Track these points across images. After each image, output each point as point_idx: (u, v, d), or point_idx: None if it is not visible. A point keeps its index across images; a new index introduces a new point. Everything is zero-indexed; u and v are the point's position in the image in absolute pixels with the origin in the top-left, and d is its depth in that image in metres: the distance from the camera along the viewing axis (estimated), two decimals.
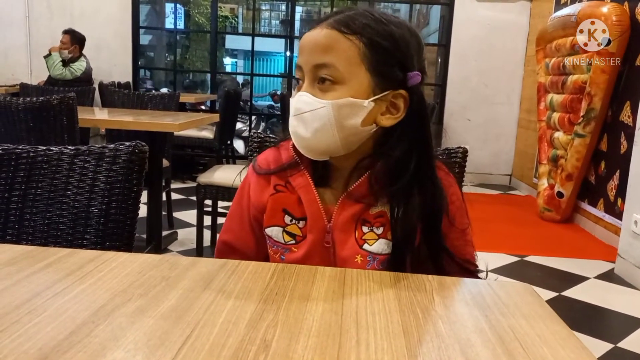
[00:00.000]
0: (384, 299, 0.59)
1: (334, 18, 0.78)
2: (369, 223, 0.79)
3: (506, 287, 0.65)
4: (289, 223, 0.81)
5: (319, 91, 0.76)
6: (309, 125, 0.75)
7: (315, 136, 0.75)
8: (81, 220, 0.84)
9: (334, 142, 0.76)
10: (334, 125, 0.75)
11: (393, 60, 0.77)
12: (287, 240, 0.81)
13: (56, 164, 0.87)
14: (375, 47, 0.76)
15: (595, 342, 2.10)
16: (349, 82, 0.75)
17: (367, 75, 0.76)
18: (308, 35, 0.78)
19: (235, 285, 0.60)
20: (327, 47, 0.75)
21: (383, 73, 0.76)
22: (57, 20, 5.18)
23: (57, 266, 0.63)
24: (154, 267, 0.64)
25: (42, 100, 2.22)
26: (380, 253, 0.78)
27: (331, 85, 0.75)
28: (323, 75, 0.75)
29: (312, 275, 0.65)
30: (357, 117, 0.76)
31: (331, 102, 0.75)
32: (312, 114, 0.75)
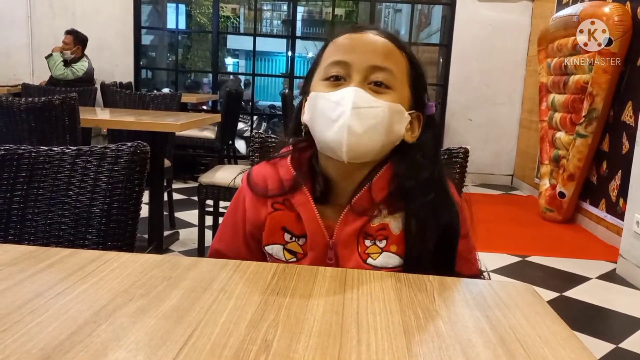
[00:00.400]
0: (384, 299, 0.59)
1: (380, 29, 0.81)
2: (371, 237, 0.79)
3: (507, 288, 0.65)
4: (289, 241, 0.81)
5: (372, 92, 0.77)
6: (363, 121, 0.75)
7: (367, 133, 0.75)
8: (83, 221, 0.84)
9: (378, 143, 0.77)
10: (385, 126, 0.76)
11: (423, 85, 0.83)
12: (288, 258, 0.81)
13: (58, 164, 0.87)
14: (415, 68, 0.82)
15: (596, 342, 2.10)
16: (398, 91, 0.78)
17: (408, 90, 0.80)
18: (362, 37, 0.80)
19: (237, 285, 0.60)
20: (388, 53, 0.78)
21: (416, 93, 0.82)
22: (59, 21, 5.19)
23: (59, 266, 0.64)
24: (155, 267, 0.64)
25: (44, 100, 2.23)
26: (384, 267, 0.78)
27: (385, 89, 0.77)
28: (379, 78, 0.77)
29: (313, 275, 0.65)
30: (401, 125, 0.79)
31: (388, 103, 0.76)
32: (368, 110, 0.75)
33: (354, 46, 0.78)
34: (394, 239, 0.78)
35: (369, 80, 0.77)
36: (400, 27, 10.47)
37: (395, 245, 0.78)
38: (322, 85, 0.79)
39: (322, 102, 0.77)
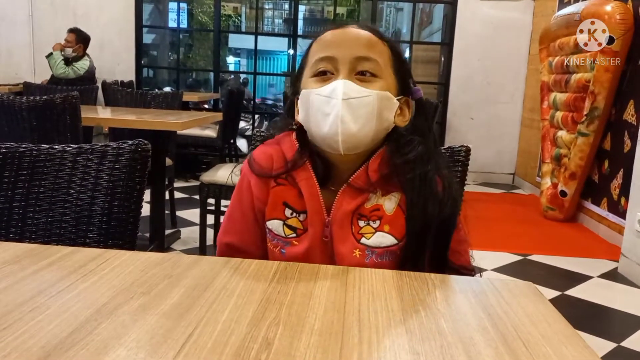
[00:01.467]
0: (386, 297, 0.59)
1: (363, 23, 0.86)
2: (365, 217, 0.80)
3: (509, 286, 0.65)
4: (289, 216, 0.82)
5: (358, 82, 0.79)
6: (354, 111, 0.78)
7: (358, 122, 0.78)
8: (84, 219, 0.84)
9: (370, 131, 0.79)
10: (376, 114, 0.79)
11: (407, 72, 0.87)
12: (288, 234, 0.82)
13: (59, 162, 0.87)
14: (397, 57, 0.85)
15: (598, 341, 2.10)
16: (384, 79, 0.82)
17: (393, 77, 0.84)
18: (346, 31, 0.83)
19: (238, 284, 0.60)
20: (370, 44, 0.82)
21: (402, 79, 0.85)
22: (61, 19, 5.19)
23: (59, 264, 0.64)
24: (156, 265, 0.64)
25: (46, 99, 2.23)
26: (378, 246, 0.79)
27: (371, 78, 0.80)
28: (365, 67, 0.80)
29: (315, 273, 0.65)
30: (391, 111, 0.82)
31: (376, 92, 0.79)
32: (359, 100, 0.78)
33: (338, 41, 0.82)
34: (387, 219, 0.80)
35: (356, 71, 0.80)
36: (402, 26, 10.45)
37: (389, 225, 0.80)
38: (312, 82, 0.81)
39: (313, 97, 0.79)
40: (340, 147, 0.77)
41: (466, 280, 0.67)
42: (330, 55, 0.80)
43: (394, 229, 0.80)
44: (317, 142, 0.82)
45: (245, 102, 6.53)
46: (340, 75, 0.79)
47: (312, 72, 0.82)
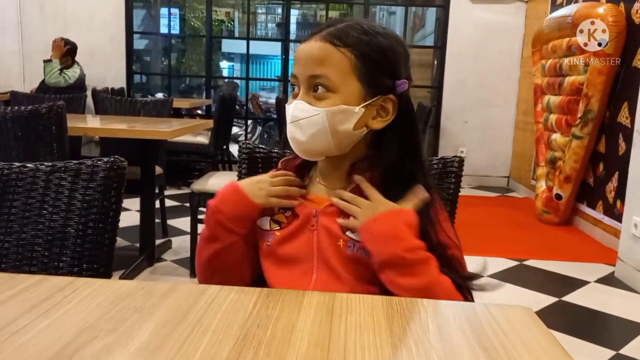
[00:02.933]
0: (374, 329, 0.54)
1: (326, 31, 0.83)
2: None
3: (506, 312, 0.61)
4: (276, 212, 0.88)
5: (314, 99, 0.82)
6: (305, 131, 0.82)
7: (311, 140, 0.82)
8: (57, 242, 0.80)
9: (328, 145, 0.83)
10: (328, 130, 0.81)
11: (382, 70, 0.83)
12: (273, 227, 0.87)
13: (31, 181, 0.82)
14: (365, 59, 0.82)
15: (596, 349, 2.06)
16: (342, 91, 0.81)
17: (358, 84, 0.82)
18: (303, 48, 0.84)
19: (214, 317, 0.56)
20: (321, 59, 0.81)
21: (373, 82, 0.83)
22: (51, 27, 5.13)
23: (23, 296, 0.59)
24: (128, 295, 0.60)
25: (30, 109, 2.18)
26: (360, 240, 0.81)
27: (325, 94, 0.81)
28: (318, 83, 0.82)
29: (299, 301, 0.61)
30: (349, 122, 0.82)
31: (325, 109, 0.81)
32: (307, 120, 0.82)
33: (298, 58, 0.84)
34: None
35: (312, 88, 0.83)
36: (395, 29, 10.44)
37: None
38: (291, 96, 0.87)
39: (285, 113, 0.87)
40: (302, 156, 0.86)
41: (460, 307, 0.62)
42: (294, 73, 0.85)
43: None
44: None
45: (238, 107, 6.49)
46: (300, 93, 0.83)
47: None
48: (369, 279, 0.81)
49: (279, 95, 7.14)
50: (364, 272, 0.81)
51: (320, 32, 0.83)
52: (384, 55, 0.83)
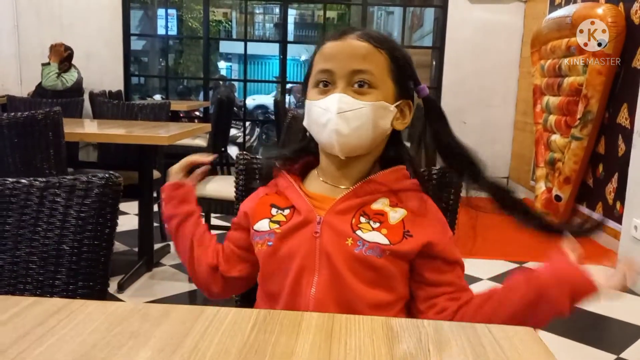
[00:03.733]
0: (374, 355, 0.53)
1: (360, 31, 0.87)
2: (367, 216, 0.85)
3: (508, 334, 0.59)
4: (274, 214, 0.89)
5: (355, 94, 0.84)
6: (350, 123, 0.83)
7: (354, 133, 0.83)
8: (52, 259, 0.78)
9: (366, 139, 0.85)
10: (371, 124, 0.84)
11: (408, 75, 0.90)
12: (272, 227, 0.87)
13: (25, 197, 0.81)
14: (397, 63, 0.87)
15: (598, 353, 2.06)
16: (381, 88, 0.85)
17: (392, 84, 0.87)
18: (340, 44, 0.86)
19: (211, 342, 0.55)
20: (365, 56, 0.85)
21: (402, 85, 0.89)
22: (47, 30, 5.11)
23: (16, 321, 0.58)
24: (123, 319, 0.59)
25: (27, 115, 2.17)
26: (371, 241, 0.82)
27: (368, 89, 0.84)
28: (361, 79, 0.84)
29: (297, 324, 0.60)
30: (387, 119, 0.87)
31: (370, 103, 0.84)
32: (353, 113, 0.83)
33: (335, 54, 0.86)
34: (388, 225, 0.84)
35: (352, 83, 0.85)
36: (393, 29, 10.43)
37: (387, 230, 0.84)
38: (314, 92, 0.87)
39: (313, 109, 0.86)
40: (338, 153, 0.85)
41: (461, 328, 0.61)
42: (328, 68, 0.85)
43: (390, 235, 0.83)
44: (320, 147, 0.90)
45: (236, 109, 6.47)
46: (338, 87, 0.84)
47: (314, 83, 0.88)
48: (374, 280, 0.82)
49: (276, 96, 7.13)
50: (370, 272, 0.82)
51: (353, 32, 0.87)
52: (409, 62, 0.90)
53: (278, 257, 0.85)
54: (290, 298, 0.83)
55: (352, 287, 0.81)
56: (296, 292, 0.83)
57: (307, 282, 0.82)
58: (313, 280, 0.82)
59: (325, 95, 0.85)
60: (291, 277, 0.83)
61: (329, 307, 0.80)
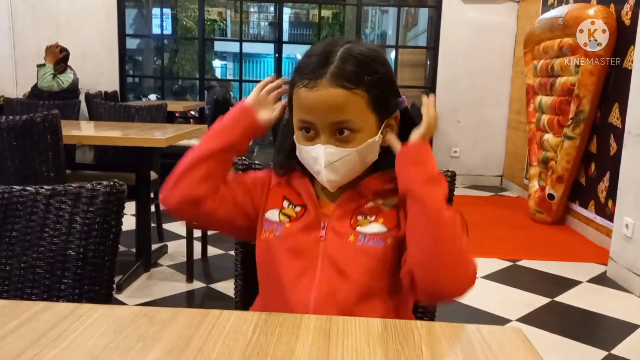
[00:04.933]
0: (370, 355, 0.56)
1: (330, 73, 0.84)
2: (363, 214, 0.89)
3: (497, 334, 0.63)
4: (286, 207, 0.91)
5: (338, 141, 0.86)
6: (338, 171, 0.86)
7: (344, 176, 0.88)
8: (58, 264, 0.81)
9: (356, 173, 0.89)
10: (359, 163, 0.88)
11: (388, 95, 0.89)
12: (282, 219, 0.89)
13: (32, 204, 0.84)
14: (375, 93, 0.86)
15: (589, 349, 2.09)
16: (364, 128, 0.87)
17: (373, 115, 0.87)
18: (315, 97, 0.84)
19: (216, 344, 0.58)
20: (341, 107, 0.84)
21: (383, 109, 0.89)
22: (43, 31, 5.11)
23: (28, 326, 0.61)
24: (130, 322, 0.62)
25: (25, 118, 2.18)
26: (371, 233, 0.86)
27: (350, 135, 0.86)
28: (342, 128, 0.85)
29: (297, 326, 0.63)
30: (374, 151, 0.90)
31: (355, 149, 0.86)
32: (341, 162, 0.86)
33: (313, 106, 0.85)
34: (383, 214, 0.88)
35: (335, 131, 0.86)
36: (387, 29, 10.46)
37: (383, 218, 0.88)
38: (299, 135, 0.89)
39: (304, 154, 0.89)
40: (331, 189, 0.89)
41: (452, 329, 0.65)
42: (309, 120, 0.86)
43: (387, 221, 0.88)
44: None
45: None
46: (321, 139, 0.86)
47: (297, 126, 0.89)
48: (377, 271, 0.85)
49: None
50: (373, 263, 0.85)
51: (324, 77, 0.84)
52: (387, 82, 0.88)
53: (282, 249, 0.87)
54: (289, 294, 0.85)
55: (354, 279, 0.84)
56: (295, 288, 0.85)
57: (307, 281, 0.85)
58: (314, 281, 0.84)
59: (312, 143, 0.87)
60: (292, 273, 0.86)
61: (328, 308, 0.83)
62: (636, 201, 2.70)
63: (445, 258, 0.78)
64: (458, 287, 0.79)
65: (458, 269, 0.79)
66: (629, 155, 2.80)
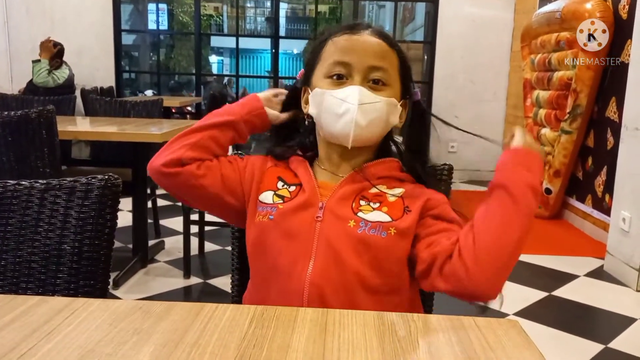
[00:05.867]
0: (366, 348, 0.56)
1: (373, 28, 0.90)
2: (367, 199, 0.87)
3: (493, 326, 0.63)
4: (280, 188, 0.90)
5: (370, 89, 0.86)
6: (367, 116, 0.85)
7: (370, 125, 0.86)
8: (54, 259, 0.81)
9: (377, 132, 0.89)
10: (384, 118, 0.88)
11: (409, 76, 0.94)
12: (276, 201, 0.88)
13: (26, 199, 0.83)
14: (404, 64, 0.92)
15: (586, 343, 2.10)
16: (392, 86, 0.89)
17: (399, 83, 0.91)
18: (359, 38, 0.88)
19: (211, 337, 0.57)
20: (383, 54, 0.88)
21: (406, 85, 0.93)
22: (37, 26, 5.09)
23: (23, 320, 0.60)
24: (125, 316, 0.61)
25: (20, 114, 2.17)
26: (373, 221, 0.84)
27: (382, 86, 0.88)
28: (377, 76, 0.87)
29: (293, 319, 0.62)
30: (396, 115, 0.91)
31: (385, 99, 0.87)
32: (371, 106, 0.86)
33: (353, 47, 0.87)
34: (388, 203, 0.87)
35: (368, 79, 0.87)
36: (385, 23, 10.44)
37: (387, 207, 0.86)
38: (326, 83, 0.88)
39: (328, 98, 0.87)
40: (349, 144, 0.86)
41: (449, 320, 0.64)
42: (346, 61, 0.87)
43: (391, 211, 0.86)
44: (325, 135, 0.91)
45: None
46: (355, 81, 0.86)
47: (327, 73, 0.89)
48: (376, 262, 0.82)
49: None
50: (373, 253, 0.82)
51: (366, 28, 0.89)
52: (410, 65, 0.94)
53: (276, 233, 0.84)
54: (284, 280, 0.82)
55: (352, 270, 0.81)
56: (291, 275, 0.82)
57: (302, 265, 0.81)
58: (309, 264, 0.81)
59: (341, 87, 0.86)
60: (287, 257, 0.83)
61: (325, 292, 0.80)
62: (633, 195, 2.70)
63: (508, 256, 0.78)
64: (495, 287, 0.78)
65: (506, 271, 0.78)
66: (626, 150, 2.80)
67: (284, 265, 0.83)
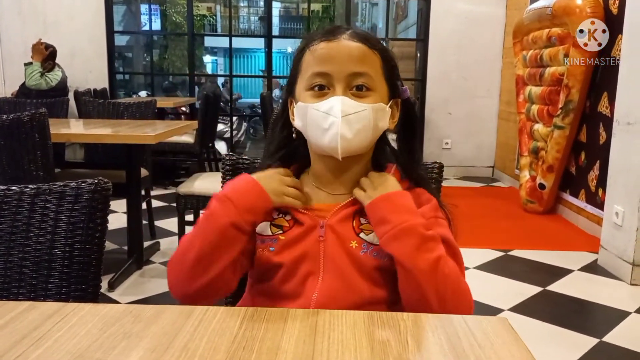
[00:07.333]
0: (356, 347, 0.57)
1: (353, 32, 0.86)
2: (365, 216, 0.84)
3: (483, 324, 0.63)
4: (276, 217, 0.86)
5: (354, 97, 0.83)
6: (352, 126, 0.81)
7: (358, 136, 0.82)
8: (44, 264, 0.81)
9: (367, 141, 0.85)
10: (371, 126, 0.83)
11: (396, 75, 0.90)
12: (274, 232, 0.85)
13: (16, 204, 0.83)
14: (387, 63, 0.87)
15: (580, 337, 2.11)
16: (377, 90, 0.85)
17: (385, 85, 0.87)
18: (336, 46, 0.84)
19: (201, 341, 0.58)
20: (363, 58, 0.84)
21: (392, 85, 0.89)
22: (30, 28, 5.07)
23: (13, 326, 0.60)
24: (116, 321, 0.61)
25: (13, 117, 2.17)
26: (374, 243, 0.82)
27: (367, 92, 0.84)
28: (360, 82, 0.83)
29: (283, 320, 0.63)
30: (385, 120, 0.87)
31: (371, 105, 0.83)
32: (356, 115, 0.82)
33: (331, 56, 0.83)
34: None
35: (351, 86, 0.83)
36: (377, 21, 10.44)
37: None
38: (308, 96, 0.84)
39: (312, 112, 0.83)
40: (339, 156, 0.82)
41: (438, 320, 0.65)
42: (325, 71, 0.83)
43: None
44: (314, 149, 0.88)
45: (223, 104, 6.46)
46: (337, 91, 0.82)
47: (308, 85, 0.85)
48: (380, 281, 0.81)
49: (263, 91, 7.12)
50: (377, 274, 0.81)
51: (344, 32, 0.85)
52: (396, 63, 0.90)
53: (281, 264, 0.82)
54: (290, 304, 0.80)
55: (358, 288, 0.80)
56: (298, 295, 0.81)
57: (310, 285, 0.81)
58: (317, 284, 0.81)
59: (324, 99, 0.82)
60: (294, 281, 0.82)
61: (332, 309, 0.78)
62: (626, 189, 2.72)
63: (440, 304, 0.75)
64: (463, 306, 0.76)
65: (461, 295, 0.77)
66: (618, 144, 2.81)
67: (290, 288, 0.82)
